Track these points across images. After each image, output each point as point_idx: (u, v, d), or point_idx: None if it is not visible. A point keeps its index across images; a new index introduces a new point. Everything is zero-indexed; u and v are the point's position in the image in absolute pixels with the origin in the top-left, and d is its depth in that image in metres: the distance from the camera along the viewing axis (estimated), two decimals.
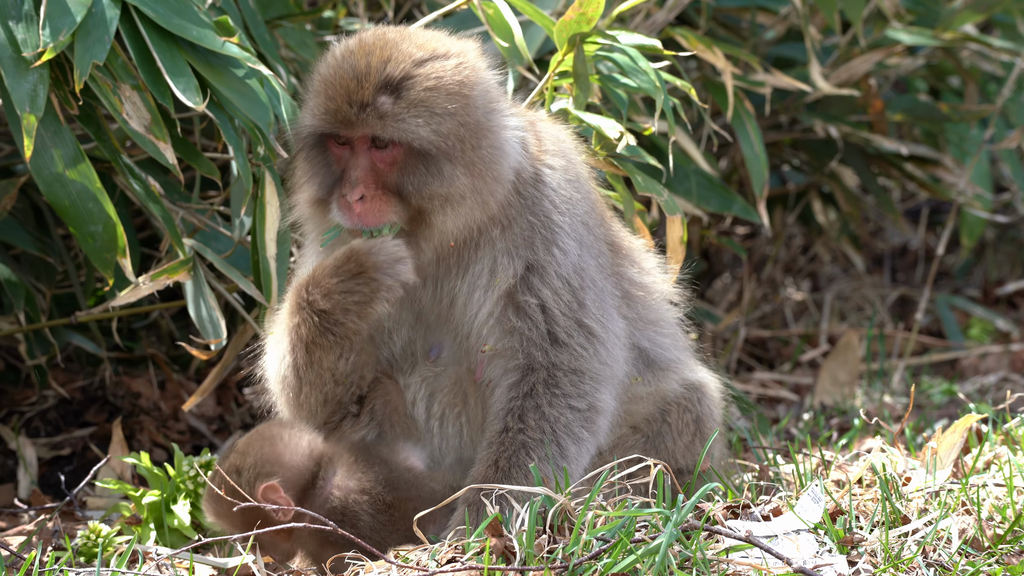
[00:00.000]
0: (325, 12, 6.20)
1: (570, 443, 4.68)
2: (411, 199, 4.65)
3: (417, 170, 4.64)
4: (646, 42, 5.28)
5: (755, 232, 8.36)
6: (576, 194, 4.84)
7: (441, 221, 4.67)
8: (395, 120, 4.59)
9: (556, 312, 4.72)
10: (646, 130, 5.39)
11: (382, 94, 4.60)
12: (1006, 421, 5.44)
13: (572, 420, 4.69)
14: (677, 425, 4.96)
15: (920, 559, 4.33)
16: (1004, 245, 9.17)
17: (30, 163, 4.94)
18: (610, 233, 4.98)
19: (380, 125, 4.59)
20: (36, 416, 6.55)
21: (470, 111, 4.67)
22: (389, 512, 4.65)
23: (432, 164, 4.63)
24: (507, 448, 4.65)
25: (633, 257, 5.03)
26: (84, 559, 5.06)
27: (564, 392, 4.70)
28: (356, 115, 4.59)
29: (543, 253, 4.74)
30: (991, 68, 7.90)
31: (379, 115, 4.59)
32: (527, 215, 4.76)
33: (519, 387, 4.71)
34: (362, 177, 4.64)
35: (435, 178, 4.64)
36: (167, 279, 5.21)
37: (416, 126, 4.60)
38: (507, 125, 4.75)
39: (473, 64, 4.73)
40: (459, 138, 4.64)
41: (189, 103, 4.94)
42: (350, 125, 4.61)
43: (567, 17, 5.18)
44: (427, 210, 4.65)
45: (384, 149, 4.64)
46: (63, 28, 4.86)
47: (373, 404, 4.85)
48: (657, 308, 5.03)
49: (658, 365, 4.98)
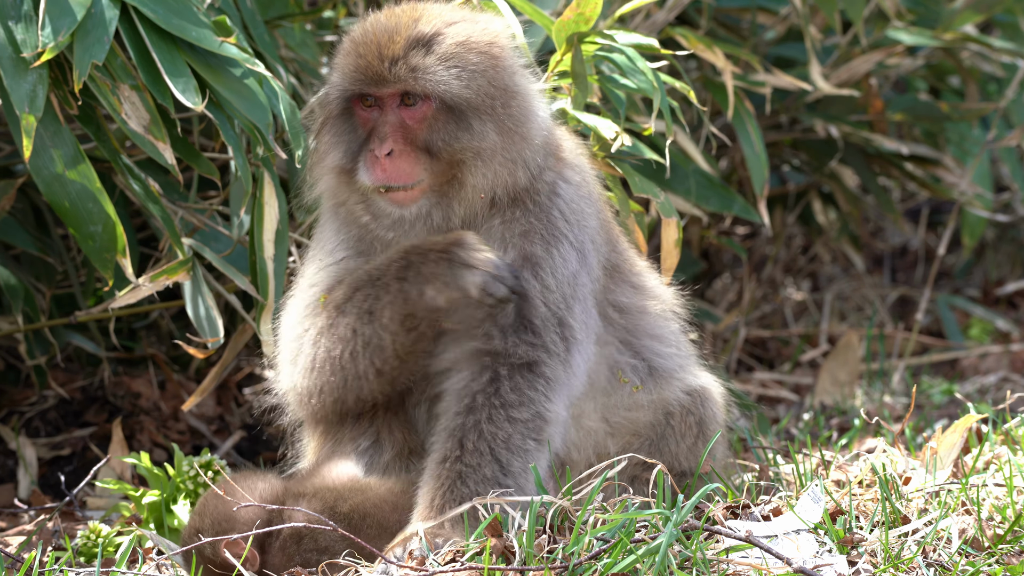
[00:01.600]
0: (325, 12, 6.20)
1: (513, 457, 4.59)
2: (441, 154, 4.64)
3: (447, 125, 4.65)
4: (644, 42, 5.28)
5: (755, 232, 8.35)
6: (588, 209, 4.85)
7: (471, 177, 4.66)
8: (427, 73, 4.61)
9: (538, 302, 4.69)
10: (646, 130, 5.39)
11: (414, 48, 4.64)
12: (1006, 421, 5.44)
13: (512, 433, 4.60)
14: (680, 428, 4.95)
15: (920, 559, 4.33)
16: (1004, 245, 9.17)
17: (29, 163, 4.94)
18: (614, 253, 4.97)
19: (412, 79, 4.61)
20: (36, 416, 6.55)
21: (499, 71, 4.70)
22: (347, 521, 4.62)
23: (463, 119, 4.65)
24: (443, 482, 4.55)
25: (636, 271, 5.02)
26: (84, 559, 5.06)
27: (505, 401, 4.62)
28: (388, 70, 4.61)
29: (541, 251, 4.73)
30: (991, 69, 7.90)
31: (411, 68, 4.61)
32: (534, 219, 4.75)
33: (461, 398, 4.64)
34: (391, 132, 4.64)
35: (466, 132, 4.66)
36: (167, 280, 5.21)
37: (449, 78, 4.62)
38: (534, 90, 4.79)
39: (500, 30, 4.79)
40: (489, 95, 4.67)
41: (188, 103, 4.93)
42: (381, 81, 4.63)
43: (565, 17, 5.18)
44: (458, 165, 4.65)
45: (413, 106, 4.65)
46: (62, 28, 4.86)
47: (375, 407, 4.85)
48: (659, 322, 5.01)
49: (660, 374, 4.97)
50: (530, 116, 4.74)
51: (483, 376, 4.64)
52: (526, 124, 4.73)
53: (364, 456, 4.83)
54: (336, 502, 4.65)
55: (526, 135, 4.72)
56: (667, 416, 4.95)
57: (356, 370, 4.69)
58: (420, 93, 4.64)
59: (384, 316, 4.63)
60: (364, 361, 4.68)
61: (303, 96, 5.87)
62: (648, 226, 5.53)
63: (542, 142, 4.77)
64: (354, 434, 4.85)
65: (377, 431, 4.84)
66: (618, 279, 4.95)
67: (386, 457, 4.82)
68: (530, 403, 4.63)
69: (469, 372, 4.66)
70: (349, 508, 4.64)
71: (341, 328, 4.69)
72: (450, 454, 4.57)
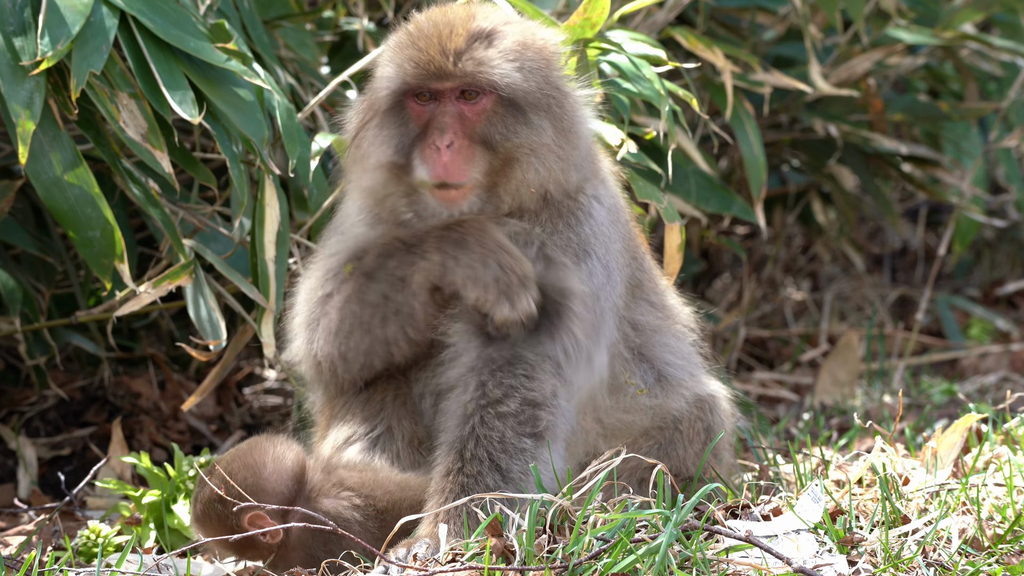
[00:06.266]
0: (325, 12, 6.19)
1: (512, 461, 4.59)
2: (499, 148, 4.65)
3: (506, 119, 4.67)
4: (651, 52, 5.29)
5: (755, 232, 8.35)
6: (618, 231, 4.87)
7: (524, 173, 4.68)
8: (491, 66, 4.63)
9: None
10: (647, 134, 5.40)
11: (476, 41, 4.65)
12: (1006, 421, 5.44)
13: (505, 430, 4.59)
14: (688, 434, 4.96)
15: (920, 559, 4.33)
16: (1004, 245, 9.17)
17: (27, 168, 4.93)
18: (639, 271, 4.99)
19: (477, 71, 4.62)
20: (36, 416, 6.55)
21: (552, 71, 4.74)
22: (380, 519, 4.62)
23: (521, 113, 4.67)
24: (447, 497, 4.53)
25: (659, 290, 5.05)
26: (84, 559, 5.05)
27: (491, 399, 4.60)
28: (452, 63, 4.62)
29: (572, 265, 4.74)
30: (990, 68, 7.90)
31: (476, 62, 4.62)
32: (572, 233, 4.77)
33: (456, 413, 4.63)
34: (451, 124, 4.64)
35: (524, 127, 4.67)
36: (169, 284, 5.21)
37: (511, 70, 4.65)
38: (582, 96, 4.83)
39: (550, 35, 4.84)
40: (546, 93, 4.69)
41: (186, 116, 4.93)
42: (444, 75, 4.63)
43: (571, 22, 5.18)
44: (513, 160, 4.67)
45: (472, 100, 4.66)
46: (61, 37, 4.85)
47: (384, 397, 4.85)
48: (672, 338, 5.03)
49: (668, 382, 4.98)
50: (579, 121, 4.78)
51: (471, 384, 4.64)
52: (576, 127, 4.76)
53: (377, 443, 4.83)
54: (375, 492, 4.65)
55: (576, 138, 4.75)
56: (676, 421, 4.96)
57: (386, 335, 4.71)
58: (484, 86, 4.64)
59: (415, 283, 4.65)
60: (394, 327, 4.70)
61: (303, 96, 5.87)
62: (648, 226, 5.54)
63: (587, 150, 4.82)
64: (366, 422, 4.85)
65: (388, 421, 4.84)
66: (639, 296, 4.97)
67: (398, 445, 4.83)
68: (513, 391, 4.61)
69: (462, 387, 4.67)
70: (386, 504, 4.64)
71: (372, 294, 4.69)
72: (452, 466, 4.57)
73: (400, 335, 4.71)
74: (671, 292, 5.13)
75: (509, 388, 4.62)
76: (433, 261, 4.63)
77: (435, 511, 4.52)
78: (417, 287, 4.65)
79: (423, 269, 4.64)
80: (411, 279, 4.65)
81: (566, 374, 4.68)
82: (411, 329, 4.71)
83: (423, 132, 4.67)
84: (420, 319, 4.69)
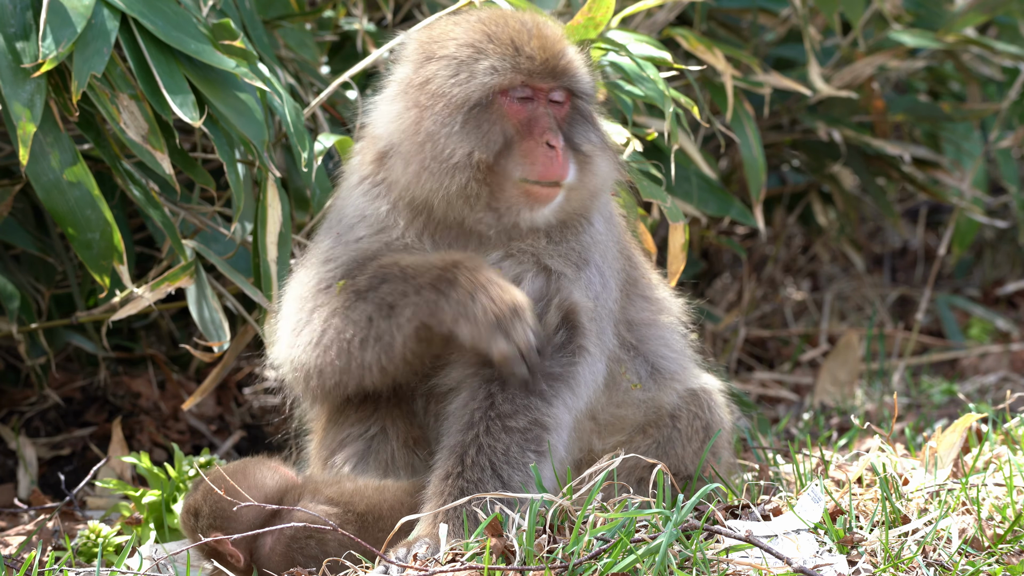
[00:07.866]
0: (325, 12, 6.19)
1: (514, 472, 4.56)
2: (581, 147, 4.68)
3: (583, 124, 4.71)
4: (656, 54, 5.29)
5: (755, 232, 8.36)
6: (613, 236, 4.89)
7: (594, 173, 4.70)
8: (583, 71, 4.72)
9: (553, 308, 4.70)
10: (649, 135, 5.40)
11: (568, 46, 4.72)
12: (1006, 421, 5.44)
13: (511, 444, 4.57)
14: (687, 432, 4.96)
15: (920, 559, 4.33)
16: (1004, 245, 9.18)
17: (27, 169, 4.93)
18: (631, 268, 5.00)
19: (578, 75, 4.69)
20: (36, 416, 6.55)
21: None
22: (360, 522, 4.62)
23: (591, 118, 4.75)
24: (445, 500, 4.52)
25: (651, 284, 5.06)
26: (84, 559, 5.06)
27: (500, 412, 4.58)
28: (559, 64, 4.65)
29: (571, 273, 4.74)
30: (990, 72, 7.90)
31: (576, 66, 4.70)
32: (572, 241, 4.77)
33: (460, 417, 4.61)
34: (553, 125, 4.65)
35: (596, 129, 4.75)
36: (169, 286, 5.21)
37: (588, 75, 4.75)
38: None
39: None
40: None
41: (186, 119, 4.93)
42: (553, 75, 4.65)
43: (575, 22, 5.18)
44: (590, 160, 4.69)
45: (560, 103, 4.70)
46: (63, 39, 4.85)
47: (378, 397, 4.84)
48: (666, 332, 5.03)
49: (662, 375, 4.98)
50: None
51: (480, 393, 4.62)
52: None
53: (372, 444, 4.83)
54: (353, 499, 4.65)
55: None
56: (672, 419, 4.95)
57: (363, 359, 4.65)
58: (587, 89, 4.72)
59: (403, 316, 4.59)
60: (372, 353, 4.63)
61: (303, 96, 5.87)
62: (650, 227, 5.54)
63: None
64: (360, 423, 4.85)
65: (382, 421, 4.84)
66: (633, 294, 4.97)
67: (392, 445, 4.82)
68: (525, 410, 4.59)
69: (468, 392, 4.65)
70: (365, 507, 4.63)
71: (357, 313, 4.63)
72: (452, 470, 4.56)
73: (375, 363, 4.64)
74: (662, 284, 5.12)
75: (522, 407, 4.60)
76: (425, 298, 4.55)
77: (434, 511, 4.51)
78: (404, 320, 4.58)
79: (413, 304, 4.57)
80: (400, 310, 4.59)
81: (579, 397, 4.70)
82: (386, 360, 4.62)
83: (523, 130, 4.63)
84: (398, 353, 4.61)
